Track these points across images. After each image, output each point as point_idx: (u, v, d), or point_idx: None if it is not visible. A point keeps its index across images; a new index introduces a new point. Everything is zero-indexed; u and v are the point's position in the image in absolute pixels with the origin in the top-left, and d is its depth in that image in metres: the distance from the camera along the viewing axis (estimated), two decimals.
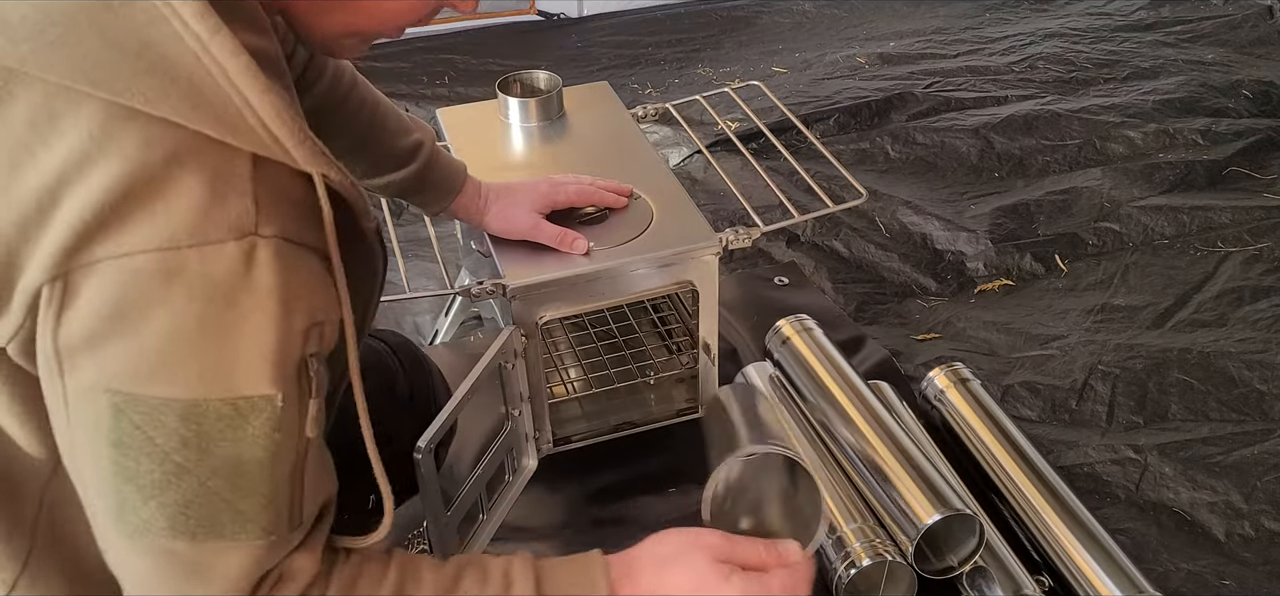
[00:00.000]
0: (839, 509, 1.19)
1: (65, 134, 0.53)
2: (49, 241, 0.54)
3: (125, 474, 0.57)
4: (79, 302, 0.54)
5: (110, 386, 0.56)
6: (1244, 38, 2.71)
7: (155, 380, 0.56)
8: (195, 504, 0.59)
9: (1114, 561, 1.12)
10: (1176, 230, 1.90)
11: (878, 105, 2.33)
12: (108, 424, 0.56)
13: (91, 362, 0.55)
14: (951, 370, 1.39)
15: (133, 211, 0.53)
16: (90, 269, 0.54)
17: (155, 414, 0.56)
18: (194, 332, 0.55)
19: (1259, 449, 1.36)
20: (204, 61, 0.54)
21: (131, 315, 0.54)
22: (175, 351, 0.55)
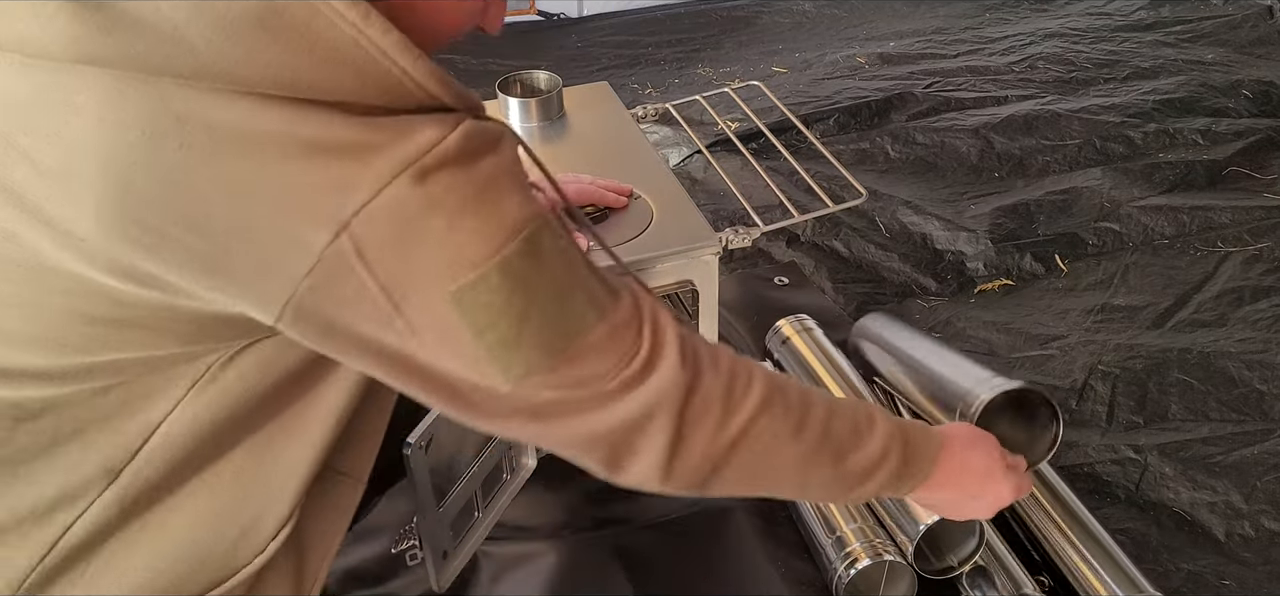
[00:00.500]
0: (838, 509, 1.19)
1: (274, 137, 0.60)
2: (309, 223, 0.61)
3: (489, 343, 0.66)
4: (372, 247, 0.62)
5: (443, 289, 0.64)
6: (1244, 37, 2.71)
7: (461, 253, 0.64)
8: (548, 327, 0.68)
9: (1114, 561, 1.12)
10: (1176, 230, 1.90)
11: (878, 105, 2.33)
12: (457, 317, 0.65)
13: (411, 285, 0.63)
14: None
15: (360, 159, 0.61)
16: (366, 216, 0.61)
17: (480, 285, 0.64)
18: (464, 209, 0.64)
19: (1259, 449, 1.36)
20: (362, 43, 0.61)
21: (417, 229, 0.62)
22: (459, 225, 0.63)
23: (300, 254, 0.62)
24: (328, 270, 0.62)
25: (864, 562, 1.11)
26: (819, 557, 1.18)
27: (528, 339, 0.67)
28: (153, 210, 0.60)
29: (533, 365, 0.68)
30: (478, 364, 0.67)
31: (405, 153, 0.62)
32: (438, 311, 0.64)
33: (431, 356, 0.67)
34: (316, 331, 0.65)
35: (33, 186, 0.61)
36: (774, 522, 1.27)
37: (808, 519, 1.21)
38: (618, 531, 1.26)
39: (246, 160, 0.60)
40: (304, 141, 0.60)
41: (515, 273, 0.65)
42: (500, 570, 1.21)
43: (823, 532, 1.17)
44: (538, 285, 0.67)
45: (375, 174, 0.61)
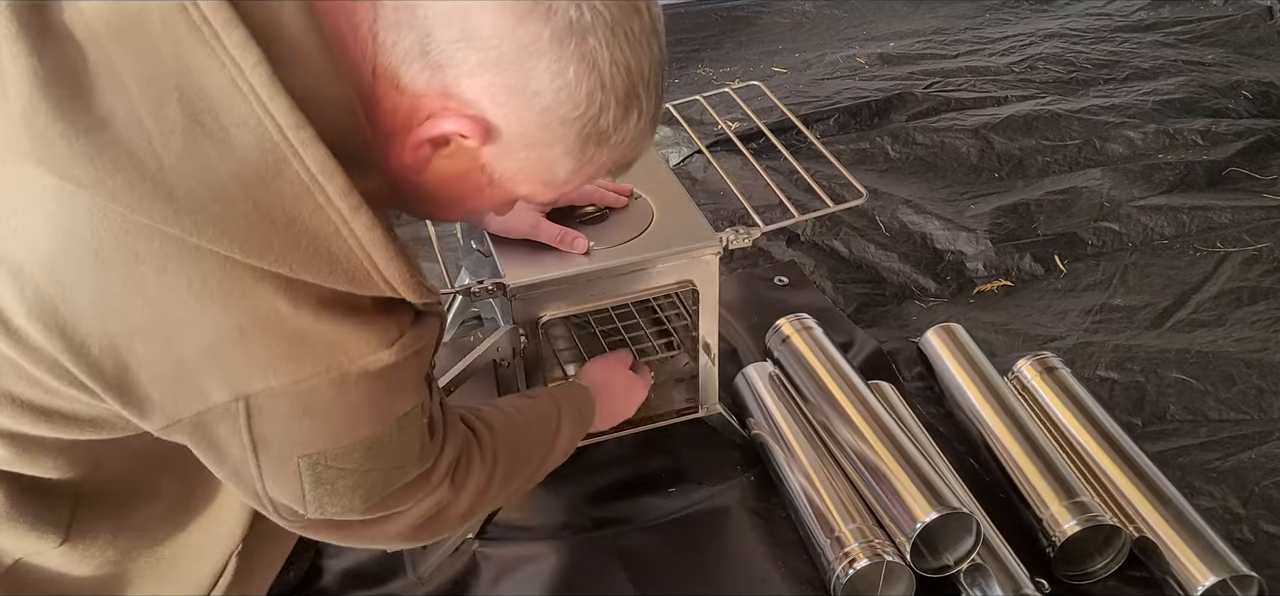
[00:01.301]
0: (837, 509, 1.19)
1: (223, 297, 0.61)
2: (218, 383, 0.63)
3: (322, 494, 0.71)
4: (264, 413, 0.65)
5: (304, 454, 0.69)
6: (1244, 38, 2.71)
7: (338, 438, 0.69)
8: (380, 483, 0.74)
9: (1206, 541, 1.14)
10: (1176, 230, 1.90)
11: (878, 105, 2.33)
12: (307, 475, 0.70)
13: (281, 443, 0.67)
14: (1039, 360, 1.43)
15: (292, 354, 0.63)
16: (270, 395, 0.64)
17: (344, 454, 0.70)
18: (364, 404, 0.69)
19: (1257, 452, 1.36)
20: (343, 233, 0.62)
21: (314, 411, 0.66)
22: (352, 417, 0.69)
23: (195, 399, 0.64)
24: (215, 414, 0.65)
25: (862, 562, 1.12)
26: (817, 557, 1.18)
27: (353, 495, 0.73)
28: (82, 324, 0.61)
29: (346, 509, 0.74)
30: (300, 501, 0.72)
31: (338, 359, 0.65)
32: (290, 466, 0.69)
33: (263, 485, 0.71)
34: (186, 439, 0.68)
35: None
36: (773, 523, 1.27)
37: (806, 519, 1.21)
38: (618, 531, 1.26)
39: (185, 310, 0.60)
40: (250, 314, 0.61)
41: (376, 447, 0.72)
42: (500, 570, 1.21)
43: (821, 532, 1.18)
44: (387, 453, 0.73)
45: (298, 368, 0.64)
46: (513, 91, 0.65)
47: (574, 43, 0.64)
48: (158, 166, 0.57)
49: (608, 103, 0.67)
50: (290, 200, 0.60)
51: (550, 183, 0.73)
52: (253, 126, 0.58)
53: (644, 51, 0.68)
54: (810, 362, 1.39)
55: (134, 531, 0.77)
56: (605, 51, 0.65)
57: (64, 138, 0.56)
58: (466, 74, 0.64)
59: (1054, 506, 1.17)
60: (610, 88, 0.67)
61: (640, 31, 0.68)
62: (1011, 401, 1.33)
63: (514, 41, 0.63)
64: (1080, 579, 1.19)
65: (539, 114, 0.66)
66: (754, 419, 1.36)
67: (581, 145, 0.69)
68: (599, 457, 1.34)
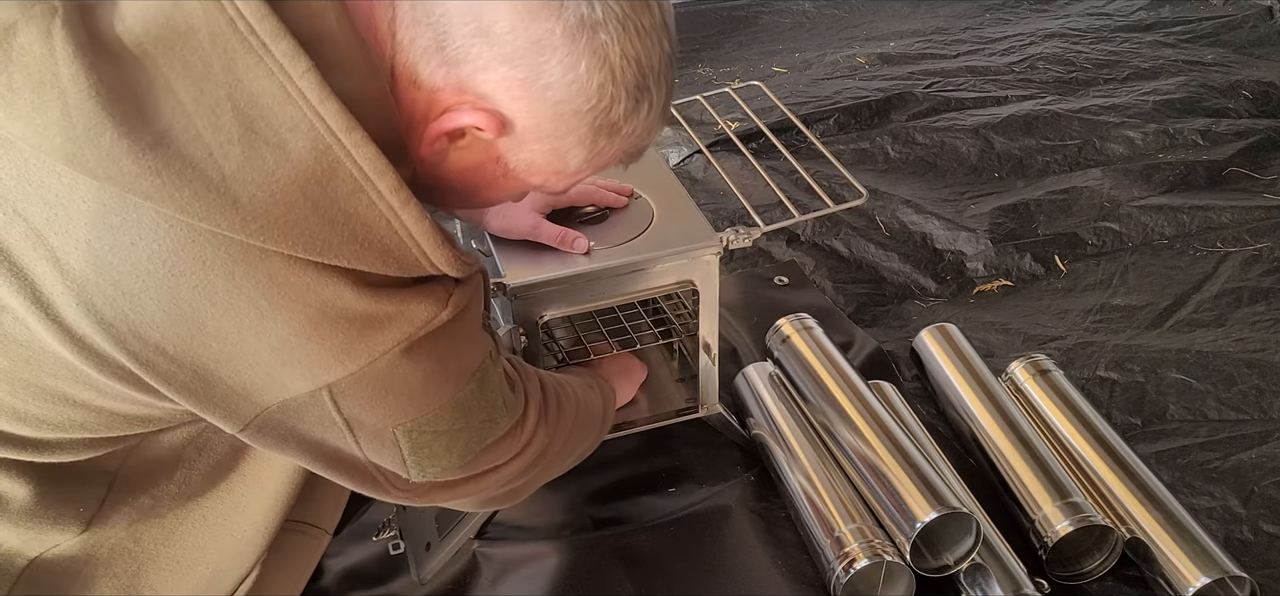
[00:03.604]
0: (837, 509, 1.19)
1: (291, 294, 0.63)
2: (299, 375, 0.66)
3: (422, 457, 0.75)
4: (347, 397, 0.68)
5: (397, 425, 0.72)
6: (1244, 38, 2.70)
7: (425, 406, 0.72)
8: (474, 439, 0.78)
9: (1197, 543, 1.14)
10: (1176, 230, 1.90)
11: (878, 105, 2.33)
12: (404, 442, 0.73)
13: (373, 421, 0.71)
14: (1032, 362, 1.42)
15: (357, 337, 0.66)
16: (351, 379, 0.67)
17: (433, 418, 0.73)
18: (438, 367, 0.72)
19: (1257, 453, 1.36)
20: (394, 226, 0.65)
21: (392, 387, 0.69)
22: (431, 381, 0.72)
23: (277, 390, 0.67)
24: (299, 405, 0.68)
25: (862, 562, 1.12)
26: (817, 557, 1.19)
27: (450, 454, 0.77)
28: (153, 331, 0.62)
29: (447, 469, 0.78)
30: (402, 466, 0.76)
31: (402, 331, 0.68)
32: (387, 436, 0.73)
33: (365, 454, 0.74)
34: (271, 439, 0.71)
35: (40, 269, 0.62)
36: (773, 523, 1.27)
37: (806, 519, 1.21)
38: (618, 531, 1.26)
39: (256, 311, 0.63)
40: (317, 306, 0.64)
41: (462, 406, 0.75)
42: (500, 570, 1.21)
43: (821, 532, 1.18)
44: (474, 410, 0.77)
45: (370, 348, 0.67)
46: (526, 85, 0.67)
47: (586, 37, 0.66)
48: (220, 177, 0.59)
49: (618, 95, 0.69)
50: (345, 198, 0.62)
51: (563, 172, 0.75)
52: (306, 131, 0.61)
53: (654, 45, 0.70)
54: (810, 362, 1.39)
55: (154, 521, 0.78)
56: (616, 45, 0.67)
57: (130, 154, 0.58)
58: (481, 69, 0.66)
59: (1047, 507, 1.17)
60: (621, 81, 0.69)
61: (650, 26, 0.69)
62: (1005, 402, 1.33)
63: (527, 37, 0.65)
64: (1073, 579, 1.19)
65: (552, 107, 0.68)
66: (754, 419, 1.36)
67: (593, 136, 0.72)
68: (599, 457, 1.34)
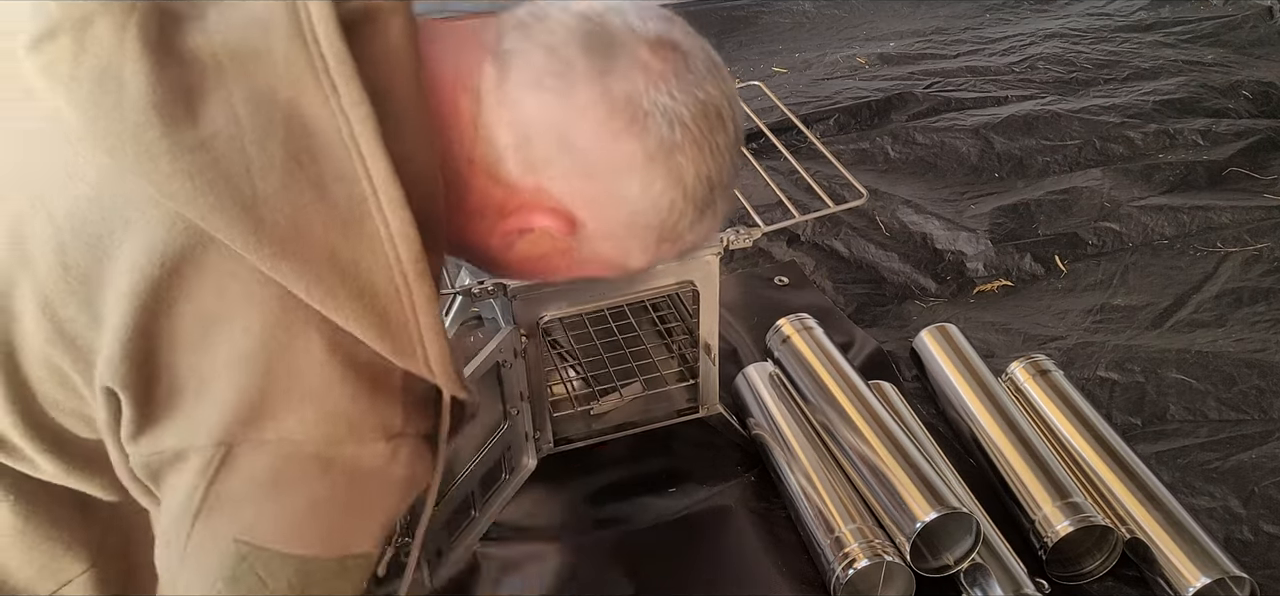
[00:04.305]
0: (837, 509, 1.19)
1: (269, 330, 0.60)
2: (220, 408, 0.61)
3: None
4: (238, 469, 0.61)
5: (241, 538, 0.62)
6: (1244, 38, 2.70)
7: (286, 539, 0.63)
8: None
9: (1197, 543, 1.14)
10: (1176, 230, 1.90)
11: (878, 105, 2.33)
12: (228, 565, 0.63)
13: (230, 515, 0.62)
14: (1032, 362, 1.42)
15: (305, 403, 0.61)
16: (258, 445, 0.61)
17: (275, 564, 0.63)
18: (333, 506, 0.64)
19: (1257, 453, 1.36)
20: (402, 298, 0.62)
21: (284, 487, 0.62)
22: (312, 519, 0.64)
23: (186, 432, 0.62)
24: (189, 455, 0.62)
25: (862, 562, 1.12)
26: (817, 558, 1.19)
27: None
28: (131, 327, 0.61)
29: None
30: None
31: (336, 432, 0.62)
32: (219, 543, 0.63)
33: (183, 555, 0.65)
34: (150, 476, 0.65)
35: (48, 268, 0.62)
36: (773, 523, 1.27)
37: (806, 519, 1.21)
38: (618, 532, 1.26)
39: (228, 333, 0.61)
40: (285, 354, 0.60)
41: (306, 578, 0.64)
42: (501, 570, 1.21)
43: (821, 533, 1.18)
44: None
45: (299, 428, 0.61)
46: (602, 198, 0.69)
47: (664, 159, 0.67)
48: (252, 194, 0.59)
49: (687, 210, 0.71)
50: (364, 254, 0.61)
51: (622, 268, 0.76)
52: (349, 180, 0.60)
53: (725, 162, 0.71)
54: (811, 363, 1.39)
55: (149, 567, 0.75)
56: (691, 167, 0.68)
57: (169, 154, 0.58)
58: (560, 177, 0.68)
59: (1047, 507, 1.17)
60: (691, 198, 0.70)
61: (724, 145, 0.70)
62: (1005, 402, 1.33)
63: (608, 157, 0.67)
64: (1073, 580, 1.19)
65: (624, 219, 0.70)
66: (754, 419, 1.36)
67: (657, 244, 0.73)
68: (599, 458, 1.34)
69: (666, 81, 0.66)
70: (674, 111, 0.66)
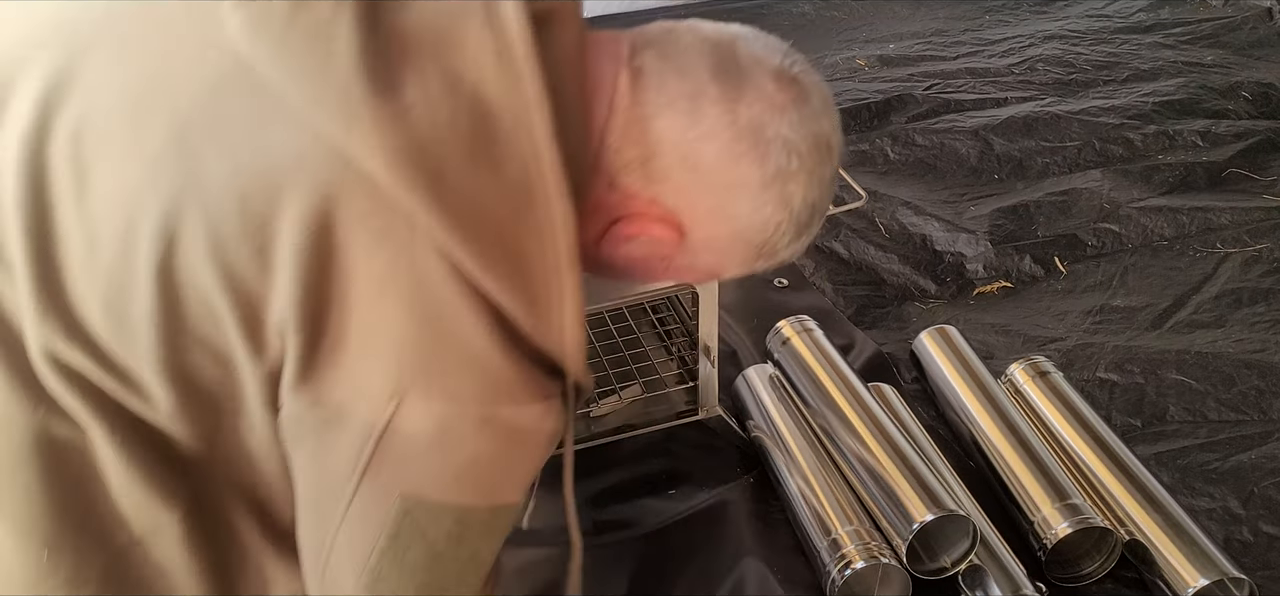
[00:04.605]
0: (835, 511, 1.19)
1: (433, 297, 0.63)
2: (392, 364, 0.64)
3: (391, 558, 0.68)
4: (408, 424, 0.65)
5: (406, 491, 0.66)
6: (1243, 39, 2.70)
7: (447, 490, 0.67)
8: (442, 582, 0.71)
9: (1196, 544, 1.14)
10: (1176, 231, 1.90)
11: (877, 107, 2.33)
12: (392, 520, 0.67)
13: (397, 470, 0.66)
14: (1031, 364, 1.42)
15: (470, 365, 0.65)
16: (427, 402, 0.64)
17: (436, 515, 0.68)
18: (490, 460, 0.68)
19: (1257, 453, 1.36)
20: (552, 282, 0.66)
21: (449, 442, 0.66)
22: (471, 472, 0.68)
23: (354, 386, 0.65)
24: (360, 408, 0.65)
25: (858, 564, 1.12)
26: (814, 560, 1.19)
27: (412, 582, 0.70)
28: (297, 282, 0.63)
29: None
30: (363, 561, 0.68)
31: (493, 394, 0.66)
32: (386, 502, 0.66)
33: (343, 520, 0.68)
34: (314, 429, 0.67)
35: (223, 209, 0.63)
36: (773, 525, 1.27)
37: (804, 521, 1.21)
38: (618, 534, 1.27)
39: (397, 299, 0.63)
40: (447, 323, 0.64)
41: (463, 527, 0.69)
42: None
43: (818, 534, 1.18)
44: (463, 546, 0.71)
45: (461, 389, 0.65)
46: (713, 214, 0.74)
47: (778, 186, 0.73)
48: (438, 167, 0.61)
49: (788, 231, 0.77)
50: (527, 235, 0.64)
51: (714, 276, 0.84)
52: (521, 163, 0.64)
53: (827, 191, 0.78)
54: (810, 365, 1.39)
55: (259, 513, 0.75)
56: (799, 193, 0.74)
57: (370, 118, 0.60)
58: (677, 191, 0.72)
59: (1046, 509, 1.17)
60: (794, 220, 0.76)
61: (829, 176, 0.77)
62: (1004, 404, 1.34)
63: (727, 178, 0.72)
64: (1073, 581, 1.19)
65: (730, 234, 0.76)
66: (754, 421, 1.37)
67: (753, 258, 0.79)
68: (599, 460, 1.34)
69: (787, 113, 0.72)
70: (792, 143, 0.72)
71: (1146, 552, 1.16)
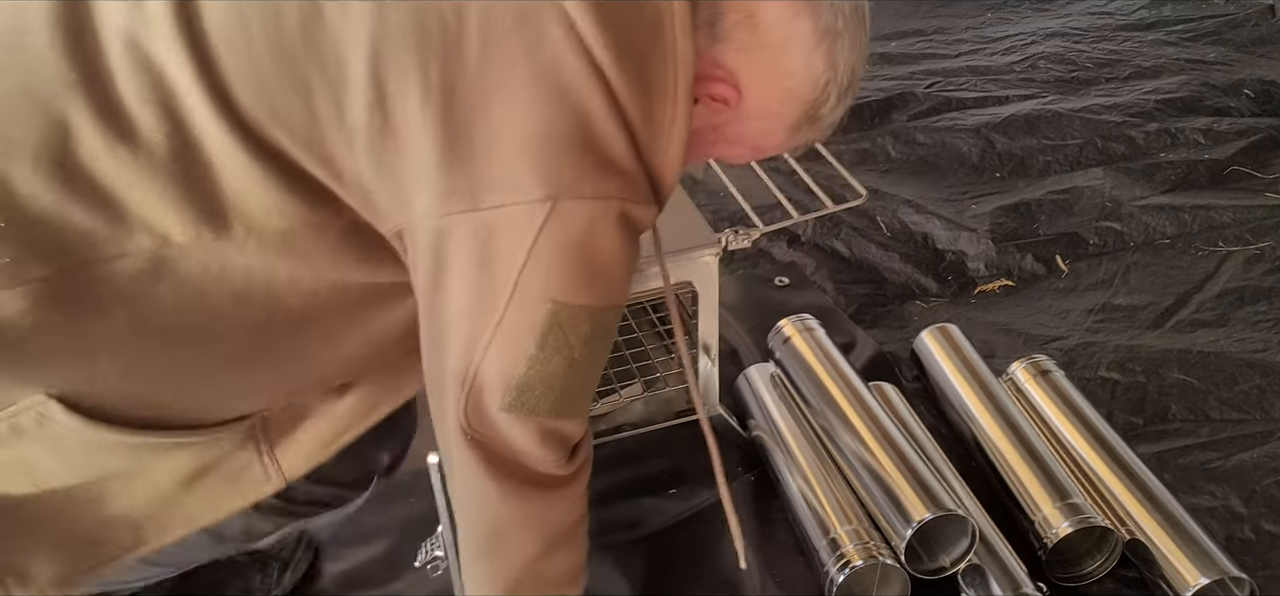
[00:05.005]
0: (834, 511, 1.19)
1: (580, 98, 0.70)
2: (548, 164, 0.69)
3: (538, 366, 0.74)
4: (561, 223, 0.70)
5: (555, 297, 0.72)
6: (1245, 37, 2.70)
7: (587, 292, 0.73)
8: (571, 391, 0.77)
9: (1197, 544, 1.14)
10: (1178, 230, 1.89)
11: (879, 105, 2.33)
12: (541, 326, 0.73)
13: (547, 273, 0.71)
14: (1033, 363, 1.42)
15: (612, 167, 0.71)
16: (578, 201, 0.70)
17: (577, 317, 0.74)
18: (619, 258, 0.74)
19: (1258, 452, 1.36)
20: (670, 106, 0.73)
21: (594, 242, 0.72)
22: (605, 271, 0.74)
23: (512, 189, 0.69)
24: (517, 212, 0.70)
25: (856, 563, 1.12)
26: (814, 559, 1.18)
27: (550, 394, 0.76)
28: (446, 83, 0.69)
29: (535, 409, 0.76)
30: (510, 372, 0.74)
31: (629, 193, 0.73)
32: (537, 309, 0.72)
33: (495, 332, 0.73)
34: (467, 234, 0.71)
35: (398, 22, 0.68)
36: (773, 525, 1.27)
37: (803, 520, 1.21)
38: (618, 536, 1.26)
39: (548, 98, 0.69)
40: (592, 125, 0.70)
41: (597, 329, 0.76)
42: None
43: (817, 534, 1.18)
44: (594, 349, 0.77)
45: (602, 189, 0.71)
46: (770, 69, 0.79)
47: (828, 42, 0.79)
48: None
49: (831, 93, 0.82)
50: (655, 60, 0.71)
51: (759, 150, 0.88)
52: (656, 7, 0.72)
53: (862, 58, 0.83)
54: (811, 364, 1.39)
55: None
56: (844, 54, 0.81)
57: None
58: (739, 49, 0.78)
59: (1046, 508, 1.17)
60: (837, 82, 0.82)
61: (864, 43, 0.83)
62: (1005, 403, 1.33)
63: (784, 33, 0.78)
64: (1073, 581, 1.19)
65: (782, 91, 0.81)
66: (754, 420, 1.36)
67: (799, 122, 0.84)
68: (600, 460, 1.34)
69: None
70: (838, 4, 0.79)
71: (1147, 552, 1.16)
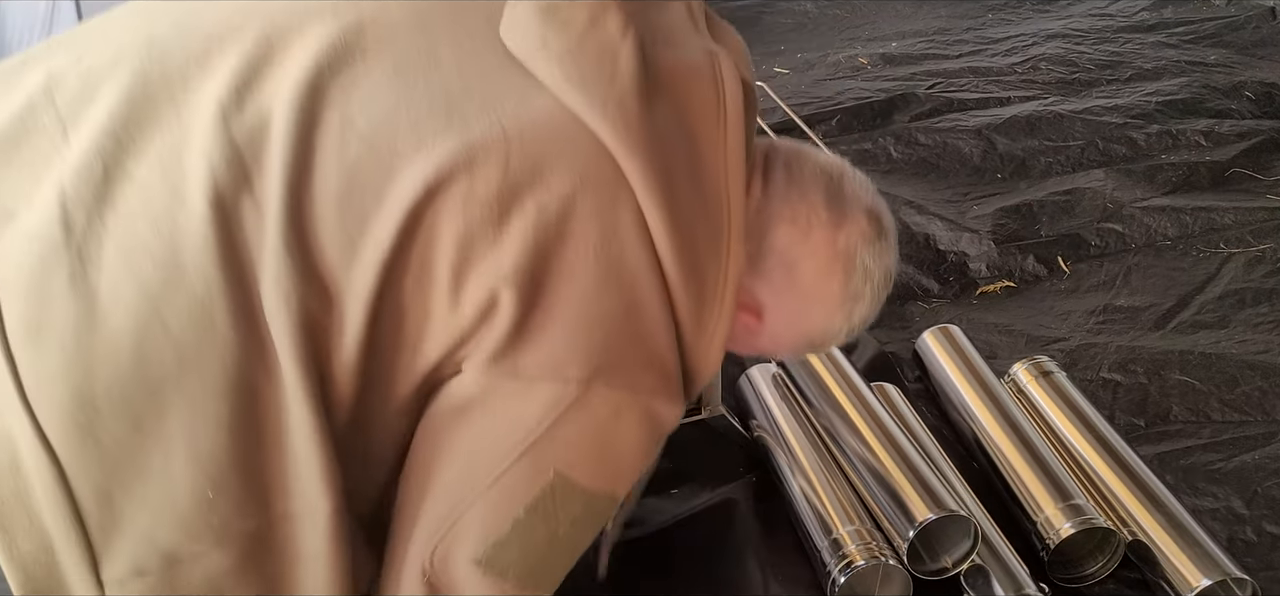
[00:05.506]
0: (836, 511, 1.19)
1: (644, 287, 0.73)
2: (596, 348, 0.71)
3: (522, 531, 0.73)
4: (589, 407, 0.71)
5: (559, 470, 0.72)
6: (1247, 39, 2.70)
7: (591, 475, 0.74)
8: (545, 565, 0.76)
9: (1199, 545, 1.14)
10: (1179, 231, 1.89)
11: (880, 106, 2.33)
12: (536, 493, 0.72)
13: (561, 448, 0.72)
14: (1035, 364, 1.42)
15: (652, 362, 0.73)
16: (611, 389, 0.71)
17: (570, 496, 0.73)
18: (633, 450, 0.75)
19: (1260, 453, 1.36)
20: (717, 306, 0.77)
21: (615, 430, 0.73)
22: (620, 460, 0.75)
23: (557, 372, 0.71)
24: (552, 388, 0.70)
25: (858, 564, 1.12)
26: (815, 559, 1.18)
27: (527, 559, 0.74)
28: None
29: (505, 569, 0.74)
30: (491, 532, 0.72)
31: (658, 387, 0.74)
32: (539, 477, 0.72)
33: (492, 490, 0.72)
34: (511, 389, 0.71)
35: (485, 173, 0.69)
36: (775, 525, 1.27)
37: (806, 521, 1.21)
38: (620, 533, 1.26)
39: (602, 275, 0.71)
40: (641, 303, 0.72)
41: (587, 512, 0.76)
42: None
43: (819, 534, 1.18)
44: (577, 533, 0.77)
45: (637, 381, 0.72)
46: (794, 314, 0.86)
47: (850, 303, 0.85)
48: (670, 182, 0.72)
49: (840, 335, 0.88)
50: (710, 255, 0.75)
51: (756, 353, 0.96)
52: (717, 200, 0.76)
53: (880, 307, 0.89)
54: (813, 364, 1.39)
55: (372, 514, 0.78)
56: (862, 311, 0.87)
57: (639, 127, 0.71)
58: (772, 288, 0.83)
59: (1049, 509, 1.17)
60: (847, 329, 0.88)
61: (884, 298, 0.88)
62: (1007, 404, 1.33)
63: (816, 290, 0.84)
64: (1075, 582, 1.19)
65: (798, 331, 0.88)
66: (757, 420, 1.36)
67: (802, 349, 0.92)
68: None
69: (872, 246, 0.85)
70: (871, 271, 0.85)
71: (1149, 553, 1.16)
